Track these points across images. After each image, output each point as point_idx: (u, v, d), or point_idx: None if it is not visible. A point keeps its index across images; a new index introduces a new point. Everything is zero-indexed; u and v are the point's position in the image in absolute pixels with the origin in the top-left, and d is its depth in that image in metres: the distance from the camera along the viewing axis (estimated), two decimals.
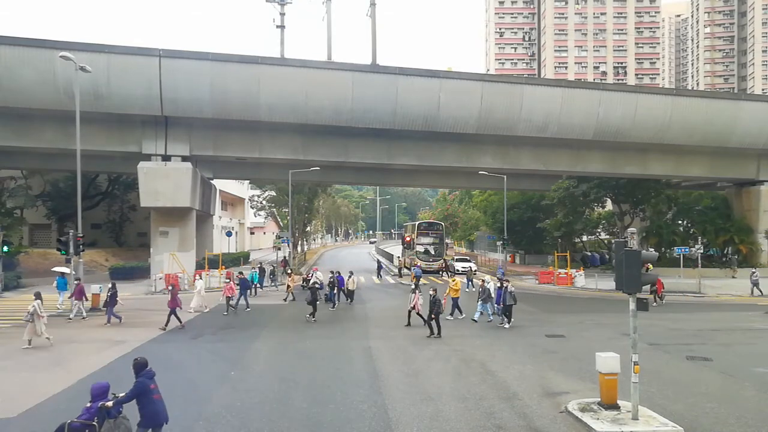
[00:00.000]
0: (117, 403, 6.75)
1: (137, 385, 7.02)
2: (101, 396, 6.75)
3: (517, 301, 19.05)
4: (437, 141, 33.11)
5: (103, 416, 6.61)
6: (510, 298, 18.61)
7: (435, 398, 10.54)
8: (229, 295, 21.51)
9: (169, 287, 19.49)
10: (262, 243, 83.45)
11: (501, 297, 18.94)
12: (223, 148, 31.67)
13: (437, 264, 43.25)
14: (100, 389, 6.79)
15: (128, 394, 6.93)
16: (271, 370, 12.88)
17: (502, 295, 18.89)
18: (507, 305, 18.66)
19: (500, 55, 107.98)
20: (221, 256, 38.67)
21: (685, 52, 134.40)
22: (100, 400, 6.69)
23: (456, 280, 21.64)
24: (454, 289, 20.77)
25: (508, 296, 18.61)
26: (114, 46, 27.48)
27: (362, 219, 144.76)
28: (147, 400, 7.01)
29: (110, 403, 6.67)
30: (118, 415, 6.76)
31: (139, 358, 7.44)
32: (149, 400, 7.02)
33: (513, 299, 18.66)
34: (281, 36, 35.77)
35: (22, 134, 28.97)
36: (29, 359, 13.77)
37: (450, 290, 20.95)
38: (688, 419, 9.40)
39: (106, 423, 6.61)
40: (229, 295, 21.50)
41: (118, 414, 6.77)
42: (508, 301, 18.61)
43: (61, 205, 43.72)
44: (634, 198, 42.69)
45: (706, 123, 33.80)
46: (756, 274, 28.98)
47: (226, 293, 21.53)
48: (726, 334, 18.09)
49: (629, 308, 9.43)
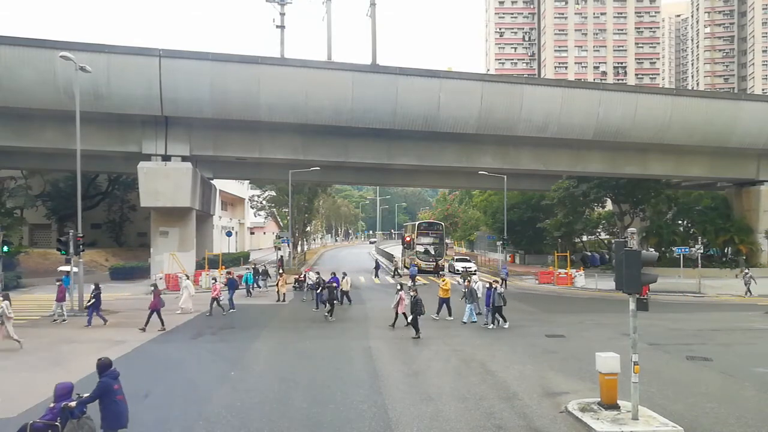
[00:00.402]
0: (80, 403, 6.66)
1: (100, 386, 6.92)
2: (64, 396, 6.65)
3: (507, 302, 18.74)
4: (437, 141, 33.11)
5: (66, 416, 6.51)
6: (498, 299, 18.30)
7: (435, 398, 10.54)
8: (216, 296, 21.10)
9: (151, 287, 18.82)
10: (262, 243, 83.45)
11: (490, 298, 18.65)
12: (223, 148, 31.68)
13: (437, 264, 43.26)
14: (63, 389, 6.69)
15: (91, 394, 6.84)
16: (271, 370, 12.88)
17: (491, 295, 18.60)
18: (496, 306, 18.39)
19: (500, 55, 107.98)
20: (221, 256, 38.69)
21: (685, 52, 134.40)
22: (64, 401, 6.59)
23: (446, 280, 21.36)
24: (444, 289, 20.52)
25: (497, 297, 18.31)
26: (114, 46, 27.48)
27: (362, 219, 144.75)
28: (110, 400, 6.91)
29: (73, 404, 6.58)
30: (82, 416, 6.66)
31: (102, 358, 7.34)
32: (112, 401, 6.92)
33: (502, 300, 18.36)
34: (281, 36, 35.79)
35: (22, 134, 28.98)
36: (29, 359, 13.76)
37: (440, 290, 20.73)
38: (688, 419, 9.40)
39: (69, 423, 6.52)
40: (215, 296, 21.10)
41: (82, 414, 6.66)
42: (497, 302, 18.32)
43: (61, 205, 43.73)
44: (634, 198, 42.69)
45: (706, 123, 33.79)
46: (748, 275, 28.95)
47: (213, 294, 21.19)
48: (726, 334, 18.09)
49: (629, 308, 9.44)
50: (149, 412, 9.69)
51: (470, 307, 19.62)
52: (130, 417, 7.29)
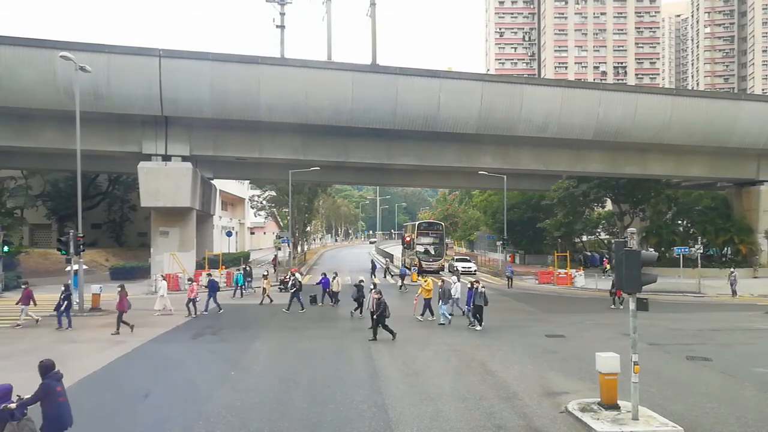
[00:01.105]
0: (21, 405, 6.54)
1: (42, 387, 6.79)
2: (4, 398, 6.54)
3: (488, 302, 18.30)
4: (437, 141, 33.11)
5: (6, 418, 6.41)
6: (480, 299, 17.87)
7: (435, 398, 10.54)
8: (192, 297, 20.68)
9: (118, 288, 18.09)
10: (263, 243, 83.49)
11: (471, 298, 18.24)
12: (223, 148, 31.67)
13: (437, 264, 43.25)
14: (2, 391, 6.59)
15: (33, 396, 6.72)
16: (271, 370, 12.88)
17: (472, 295, 18.18)
18: (477, 306, 18.00)
19: (500, 55, 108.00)
20: (221, 256, 38.69)
21: (685, 52, 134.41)
22: (3, 402, 6.49)
23: (428, 280, 21.02)
24: (426, 290, 20.16)
25: (478, 297, 17.92)
26: (114, 46, 27.46)
27: (362, 219, 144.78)
28: (52, 402, 6.77)
29: (13, 405, 6.47)
30: (23, 417, 6.54)
31: (45, 359, 7.18)
32: (54, 403, 6.78)
33: (483, 300, 17.90)
34: (281, 36, 35.76)
35: (22, 134, 28.96)
36: (29, 359, 13.73)
37: (422, 290, 20.36)
38: (688, 419, 9.40)
39: (9, 425, 6.41)
40: (191, 297, 20.69)
41: (23, 416, 6.54)
42: (477, 302, 17.93)
43: (61, 205, 43.73)
44: (634, 198, 42.68)
45: (706, 123, 33.78)
46: (734, 274, 28.98)
47: (190, 295, 20.78)
48: (726, 334, 18.09)
49: (629, 308, 9.44)
50: (149, 412, 9.70)
51: (444, 308, 19.11)
52: (130, 417, 7.29)
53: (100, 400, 10.44)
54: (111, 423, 9.22)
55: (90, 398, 10.59)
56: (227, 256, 44.00)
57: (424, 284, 20.71)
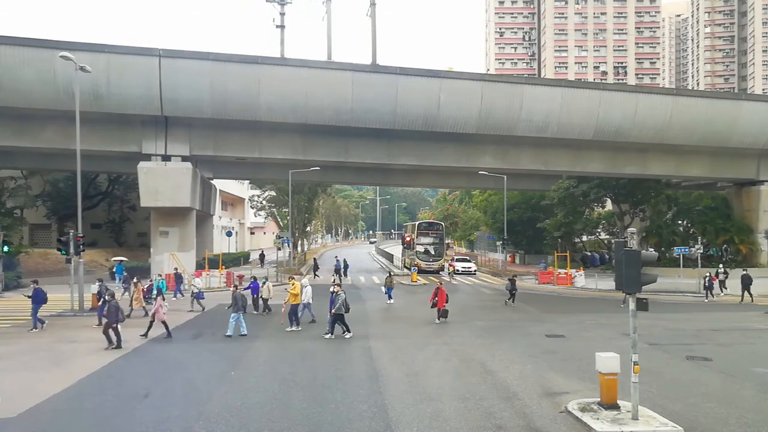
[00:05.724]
0: None
1: None
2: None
3: (350, 309, 16.66)
4: (437, 141, 33.09)
5: None
6: (340, 306, 16.12)
7: (435, 398, 10.54)
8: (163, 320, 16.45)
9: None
10: (263, 243, 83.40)
11: (332, 304, 16.36)
12: (223, 148, 31.67)
13: (437, 264, 43.24)
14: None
15: None
16: (271, 370, 12.87)
17: (333, 300, 16.37)
18: (337, 314, 16.21)
19: (500, 55, 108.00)
20: (221, 256, 38.69)
21: (685, 52, 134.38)
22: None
23: (295, 284, 18.09)
24: (293, 294, 17.68)
25: (339, 304, 16.17)
26: (114, 46, 27.45)
27: (362, 219, 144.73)
28: None
29: None
30: None
31: None
32: None
33: (344, 308, 16.19)
34: (281, 36, 35.75)
35: (22, 134, 28.94)
36: (29, 359, 13.77)
37: (289, 296, 17.85)
38: (688, 419, 9.40)
39: None
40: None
41: None
42: (338, 310, 16.16)
43: (61, 205, 43.71)
44: (634, 198, 42.67)
45: (706, 123, 33.77)
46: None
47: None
48: (726, 334, 18.09)
49: (629, 308, 9.44)
50: (149, 412, 9.70)
51: (234, 317, 16.55)
52: (130, 417, 7.30)
53: (100, 400, 10.44)
54: (111, 423, 9.21)
55: (90, 398, 10.61)
56: (227, 256, 44.02)
57: (290, 289, 17.98)
